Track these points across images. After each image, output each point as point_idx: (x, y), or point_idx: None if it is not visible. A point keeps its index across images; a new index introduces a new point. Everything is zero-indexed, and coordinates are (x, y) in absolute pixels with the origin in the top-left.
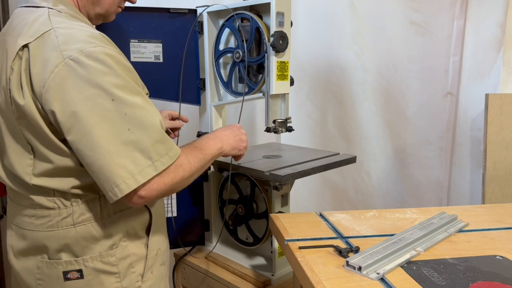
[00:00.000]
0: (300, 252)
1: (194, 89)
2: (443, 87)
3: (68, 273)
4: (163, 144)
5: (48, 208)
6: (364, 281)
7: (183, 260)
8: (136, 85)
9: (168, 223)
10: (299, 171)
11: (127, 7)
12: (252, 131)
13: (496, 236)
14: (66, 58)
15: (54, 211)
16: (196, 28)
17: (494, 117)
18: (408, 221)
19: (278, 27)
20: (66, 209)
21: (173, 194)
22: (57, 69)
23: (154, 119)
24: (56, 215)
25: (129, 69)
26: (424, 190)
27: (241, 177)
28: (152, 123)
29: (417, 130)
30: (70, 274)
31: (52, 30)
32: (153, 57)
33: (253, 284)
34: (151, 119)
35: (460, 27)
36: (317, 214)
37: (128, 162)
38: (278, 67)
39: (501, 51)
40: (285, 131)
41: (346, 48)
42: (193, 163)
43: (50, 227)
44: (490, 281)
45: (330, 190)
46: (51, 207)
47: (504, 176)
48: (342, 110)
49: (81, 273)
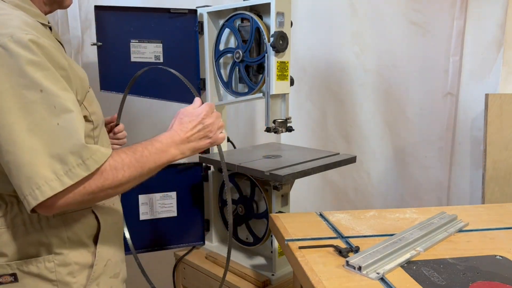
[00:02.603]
0: (300, 252)
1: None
2: (443, 87)
3: (0, 277)
4: (87, 148)
5: None
6: (364, 281)
7: (183, 260)
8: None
9: (168, 223)
10: (299, 171)
11: (127, 7)
12: (252, 131)
13: (496, 236)
14: None
15: None
16: (196, 28)
17: (494, 117)
18: (408, 221)
19: (278, 27)
20: (1, 209)
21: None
22: None
23: (81, 122)
24: None
25: (61, 66)
26: (424, 190)
27: (241, 177)
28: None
29: (417, 130)
30: (2, 278)
31: None
32: (153, 57)
33: (253, 284)
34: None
35: (460, 27)
36: (317, 214)
37: (54, 160)
38: (278, 67)
39: (501, 51)
40: (285, 131)
41: (346, 48)
42: (126, 173)
43: None
44: (490, 281)
45: (330, 190)
46: None
47: (504, 176)
48: (342, 110)
49: (15, 277)
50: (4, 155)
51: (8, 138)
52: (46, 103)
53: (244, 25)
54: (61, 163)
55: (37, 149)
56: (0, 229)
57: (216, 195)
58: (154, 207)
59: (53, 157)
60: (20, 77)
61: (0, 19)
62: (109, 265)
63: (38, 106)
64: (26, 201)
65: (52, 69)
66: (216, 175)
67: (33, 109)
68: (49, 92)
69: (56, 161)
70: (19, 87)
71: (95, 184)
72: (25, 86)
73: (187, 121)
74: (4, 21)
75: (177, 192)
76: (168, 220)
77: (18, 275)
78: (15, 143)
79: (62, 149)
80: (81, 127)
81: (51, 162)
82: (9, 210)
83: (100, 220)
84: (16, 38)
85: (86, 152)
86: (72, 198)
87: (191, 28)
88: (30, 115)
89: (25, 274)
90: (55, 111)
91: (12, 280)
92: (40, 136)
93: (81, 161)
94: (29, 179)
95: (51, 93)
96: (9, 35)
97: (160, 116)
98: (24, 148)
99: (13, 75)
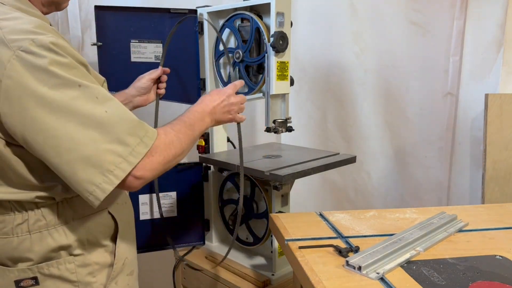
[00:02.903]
0: (300, 252)
1: (195, 89)
2: (443, 87)
3: (21, 281)
4: (141, 124)
5: (2, 214)
6: (364, 281)
7: (183, 260)
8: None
9: (168, 223)
10: (299, 171)
11: (127, 7)
12: (252, 131)
13: (496, 236)
14: (16, 50)
15: (9, 216)
16: (196, 28)
17: (494, 117)
18: (408, 221)
19: (278, 27)
20: (21, 215)
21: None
22: (10, 64)
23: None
24: (11, 221)
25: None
26: (424, 190)
27: None
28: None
29: (417, 130)
30: (24, 282)
31: None
32: (153, 57)
33: (253, 284)
34: (122, 105)
35: (460, 27)
36: (317, 214)
37: (116, 145)
38: (278, 67)
39: (501, 51)
40: (285, 131)
41: (346, 48)
42: (183, 140)
43: (4, 234)
44: (490, 281)
45: (330, 190)
46: (5, 212)
47: (504, 176)
48: (342, 110)
49: (36, 280)
50: (65, 154)
51: (64, 137)
52: (87, 96)
53: (244, 25)
54: (123, 145)
55: (97, 139)
56: (22, 235)
57: (216, 195)
58: (154, 207)
59: (113, 142)
60: (54, 78)
61: (12, 24)
62: (126, 263)
63: (82, 100)
64: (99, 190)
65: (78, 66)
66: (216, 175)
67: (78, 104)
68: (86, 86)
69: (118, 145)
70: (57, 87)
71: (157, 158)
72: (63, 85)
73: (215, 94)
74: (18, 25)
75: (177, 192)
76: (168, 220)
77: (39, 278)
78: (74, 140)
79: (119, 133)
80: (126, 108)
81: (114, 147)
82: (30, 216)
83: (117, 220)
84: (38, 42)
85: (141, 130)
86: (142, 174)
87: (191, 28)
88: (77, 110)
89: (46, 276)
90: (99, 101)
91: (33, 284)
92: (95, 127)
93: (139, 140)
94: (99, 168)
95: (88, 86)
96: (30, 39)
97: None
98: (84, 141)
99: (46, 77)
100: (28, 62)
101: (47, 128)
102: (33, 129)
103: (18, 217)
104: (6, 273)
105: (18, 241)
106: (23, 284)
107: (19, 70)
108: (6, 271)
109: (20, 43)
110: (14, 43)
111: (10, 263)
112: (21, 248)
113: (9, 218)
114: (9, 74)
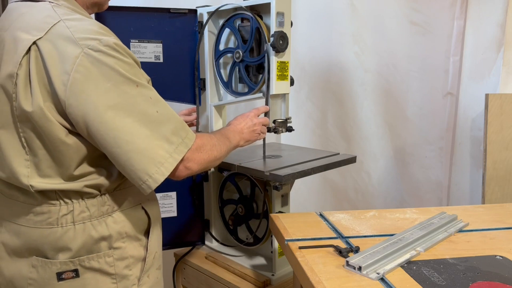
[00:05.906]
0: (300, 252)
1: (195, 89)
2: (443, 87)
3: (63, 273)
4: (183, 126)
5: (48, 204)
6: (364, 281)
7: (183, 260)
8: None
9: (168, 223)
10: (299, 171)
11: (127, 7)
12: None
13: (496, 236)
14: (85, 48)
15: (55, 207)
16: (196, 28)
17: (494, 117)
18: (408, 221)
19: (278, 27)
20: (67, 206)
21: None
22: (79, 60)
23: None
24: (56, 212)
25: (138, 63)
26: (424, 190)
27: (241, 177)
28: (170, 108)
29: (417, 130)
30: (65, 274)
31: (61, 21)
32: (153, 57)
33: (253, 284)
34: (167, 105)
35: (460, 27)
36: (317, 214)
37: (163, 142)
38: (278, 67)
39: (501, 51)
40: (285, 131)
41: (346, 48)
42: (223, 148)
43: (49, 224)
44: (490, 281)
45: (330, 190)
46: (52, 203)
47: (504, 176)
48: (342, 110)
49: (76, 272)
50: (124, 145)
51: (123, 130)
52: (144, 96)
53: (244, 25)
54: (169, 143)
55: (149, 135)
56: (67, 226)
57: (216, 195)
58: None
59: (161, 139)
60: (117, 75)
61: (78, 24)
62: (156, 257)
63: (139, 99)
64: (152, 179)
65: (136, 67)
66: (216, 175)
67: (136, 102)
68: (142, 86)
69: (165, 143)
70: (120, 84)
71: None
72: (125, 83)
73: (239, 117)
74: (84, 26)
75: (177, 192)
76: (168, 220)
77: (79, 270)
78: (132, 133)
79: (166, 132)
80: (173, 110)
81: (163, 144)
82: (75, 207)
83: (150, 215)
84: (104, 42)
85: (183, 132)
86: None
87: (191, 28)
88: (135, 108)
89: (86, 269)
90: (152, 101)
91: (73, 276)
92: (147, 125)
93: (181, 140)
94: (152, 159)
95: (144, 86)
96: (97, 39)
97: None
98: (140, 136)
99: (111, 74)
100: (95, 59)
101: (107, 121)
102: (96, 121)
103: (63, 208)
104: (49, 265)
105: (62, 232)
106: (65, 276)
107: (87, 66)
108: (49, 264)
109: (88, 42)
110: (82, 42)
111: (51, 254)
112: (65, 238)
113: (54, 209)
114: (77, 69)
